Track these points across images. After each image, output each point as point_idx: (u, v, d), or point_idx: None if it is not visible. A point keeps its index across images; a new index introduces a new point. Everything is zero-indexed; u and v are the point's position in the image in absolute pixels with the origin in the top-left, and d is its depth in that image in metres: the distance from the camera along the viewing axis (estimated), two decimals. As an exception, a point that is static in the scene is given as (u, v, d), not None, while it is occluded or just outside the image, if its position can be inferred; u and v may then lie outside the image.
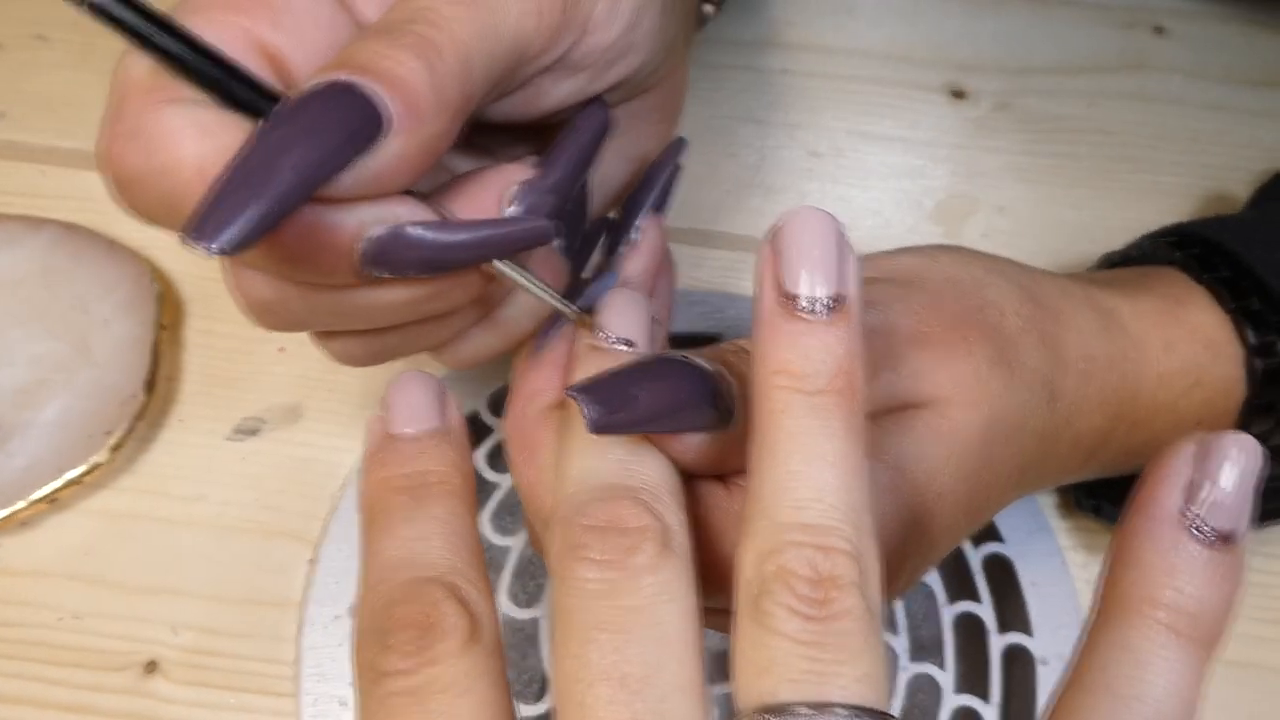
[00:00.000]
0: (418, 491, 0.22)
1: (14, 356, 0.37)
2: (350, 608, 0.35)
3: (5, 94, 0.45)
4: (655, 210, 0.29)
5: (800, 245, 0.20)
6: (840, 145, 0.46)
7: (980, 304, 0.27)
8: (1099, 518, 0.36)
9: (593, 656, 0.18)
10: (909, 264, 0.28)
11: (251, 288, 0.24)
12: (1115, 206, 0.45)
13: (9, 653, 0.34)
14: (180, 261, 0.41)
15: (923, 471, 0.25)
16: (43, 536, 0.35)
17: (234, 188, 0.19)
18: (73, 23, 0.46)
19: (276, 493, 0.37)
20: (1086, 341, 0.29)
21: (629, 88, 0.28)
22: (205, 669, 0.34)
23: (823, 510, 0.18)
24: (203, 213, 0.19)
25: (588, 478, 0.21)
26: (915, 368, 0.25)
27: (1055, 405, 0.27)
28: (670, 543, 0.20)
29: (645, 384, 0.21)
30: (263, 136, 0.20)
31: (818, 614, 0.17)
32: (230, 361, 0.39)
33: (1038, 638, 0.35)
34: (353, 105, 0.20)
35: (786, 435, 0.19)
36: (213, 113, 0.21)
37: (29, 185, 0.42)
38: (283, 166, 0.20)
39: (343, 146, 0.20)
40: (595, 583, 0.19)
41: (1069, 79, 0.48)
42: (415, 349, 0.27)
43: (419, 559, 0.20)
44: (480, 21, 0.22)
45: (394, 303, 0.24)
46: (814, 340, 0.19)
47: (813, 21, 0.50)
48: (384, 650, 0.19)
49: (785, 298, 0.20)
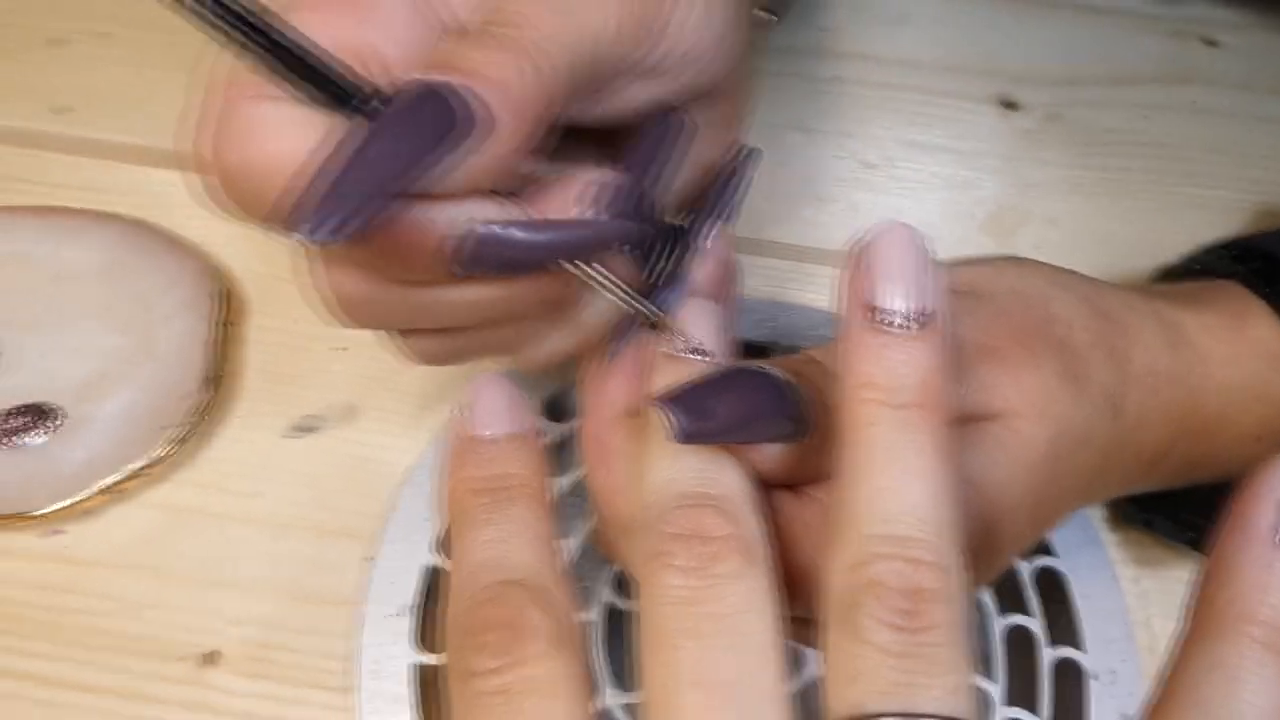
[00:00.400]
0: (498, 494, 0.22)
1: (79, 349, 0.37)
2: (406, 606, 0.35)
3: (70, 90, 0.45)
4: (724, 219, 0.29)
5: (885, 260, 0.20)
6: (891, 155, 0.46)
7: (1047, 317, 0.27)
8: (1151, 531, 0.36)
9: (682, 663, 0.18)
10: (974, 276, 0.28)
11: (341, 283, 0.24)
12: (1167, 219, 0.45)
13: (71, 639, 0.34)
14: (241, 259, 0.41)
15: (991, 484, 0.25)
16: (105, 527, 0.36)
17: (336, 181, 0.20)
18: (137, 19, 0.47)
19: (333, 491, 0.37)
20: (1152, 355, 0.29)
21: (700, 94, 0.28)
22: (263, 662, 0.34)
23: (912, 524, 0.18)
24: (305, 203, 0.20)
25: (669, 486, 0.21)
26: (983, 381, 0.26)
27: (1120, 419, 0.28)
28: (753, 552, 0.20)
29: (726, 395, 0.22)
30: (361, 133, 0.21)
31: (908, 626, 0.18)
32: (289, 359, 0.40)
33: (1089, 652, 0.35)
34: (448, 105, 0.21)
35: (875, 448, 0.19)
36: (308, 110, 0.22)
37: (93, 180, 0.43)
38: (382, 162, 0.20)
39: (439, 144, 0.21)
40: (680, 589, 0.19)
41: (1120, 91, 0.48)
42: (490, 349, 0.28)
43: (502, 561, 0.21)
44: (567, 26, 0.23)
45: (475, 301, 0.25)
46: (900, 354, 0.20)
47: (864, 31, 0.50)
48: (473, 650, 0.19)
49: (871, 312, 0.20)
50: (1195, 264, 0.35)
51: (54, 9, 0.47)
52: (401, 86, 0.21)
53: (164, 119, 0.44)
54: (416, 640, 0.34)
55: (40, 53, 0.46)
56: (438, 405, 0.39)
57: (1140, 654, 0.35)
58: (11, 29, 0.47)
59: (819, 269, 0.43)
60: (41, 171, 0.43)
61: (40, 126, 0.44)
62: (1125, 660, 0.35)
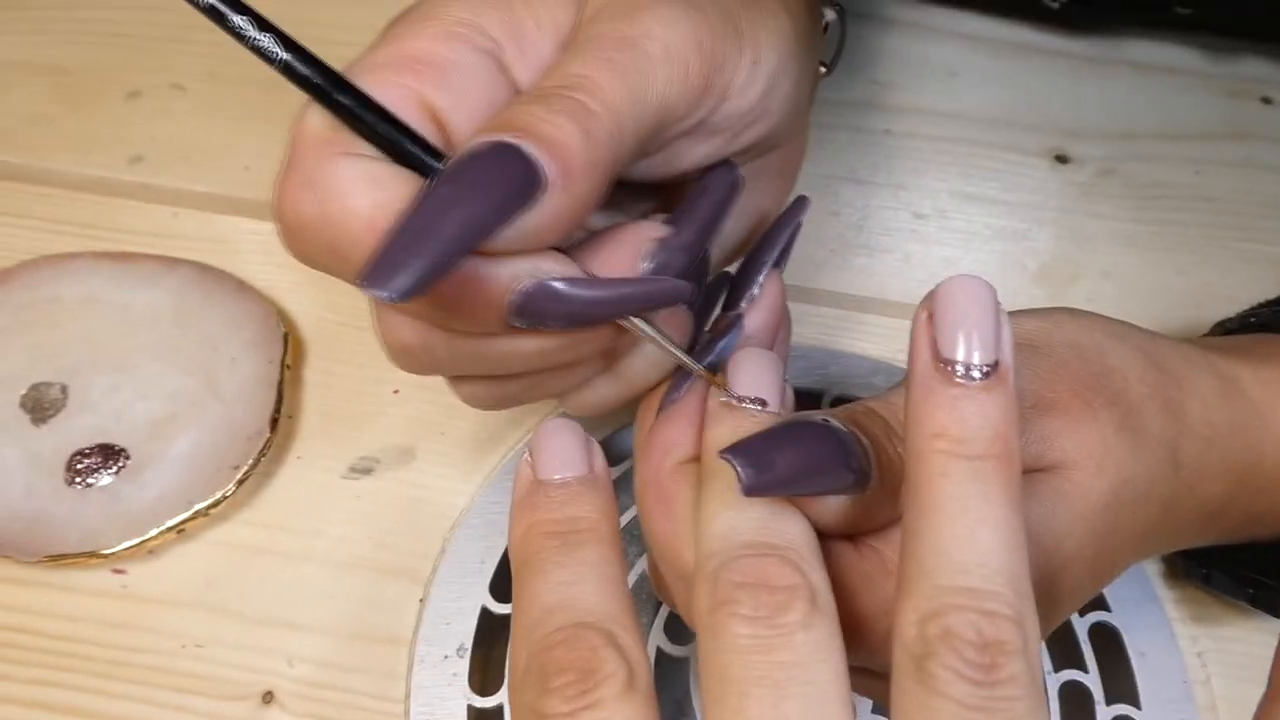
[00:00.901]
0: (569, 537, 0.22)
1: (149, 391, 0.39)
2: (458, 648, 0.35)
3: (142, 139, 0.47)
4: (775, 267, 0.30)
5: (957, 311, 0.20)
6: (943, 207, 0.47)
7: (1103, 369, 0.27)
8: (1208, 586, 0.35)
9: (752, 711, 0.18)
10: (1032, 328, 0.28)
11: (399, 332, 0.25)
12: (1221, 274, 0.45)
13: (134, 678, 0.35)
14: (302, 303, 0.42)
15: (1049, 535, 0.25)
16: (168, 566, 0.37)
17: (407, 240, 0.20)
18: (207, 73, 0.49)
19: (389, 531, 0.38)
20: (1209, 407, 0.29)
21: (759, 149, 0.29)
22: (320, 701, 0.34)
23: (986, 575, 0.18)
24: (378, 262, 0.20)
25: (732, 535, 0.22)
26: (1042, 433, 0.26)
27: (1179, 471, 0.28)
28: (819, 601, 0.20)
29: (790, 447, 0.22)
30: (431, 192, 0.21)
31: (984, 679, 0.18)
32: (347, 402, 0.40)
33: (1145, 710, 0.35)
34: (513, 165, 0.22)
35: (947, 499, 0.19)
36: (383, 167, 0.23)
37: (162, 226, 0.44)
38: (450, 221, 0.21)
39: (504, 204, 0.22)
40: (748, 639, 0.19)
41: (1174, 146, 0.48)
42: (542, 395, 0.28)
43: (575, 604, 0.21)
44: (630, 88, 0.24)
45: (529, 352, 0.25)
46: (972, 406, 0.20)
47: (915, 84, 0.50)
48: (545, 693, 0.19)
49: (942, 363, 0.20)
50: (1254, 318, 0.35)
51: (131, 64, 0.49)
52: (471, 147, 0.22)
53: (232, 168, 0.46)
54: (470, 682, 0.35)
55: (117, 105, 0.48)
56: (491, 448, 0.40)
57: (1200, 714, 0.35)
58: (91, 83, 0.49)
59: (870, 318, 0.43)
60: (114, 219, 0.45)
61: (115, 175, 0.46)
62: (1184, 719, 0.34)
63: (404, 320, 0.25)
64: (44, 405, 0.38)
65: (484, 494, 0.38)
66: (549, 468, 0.24)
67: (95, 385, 0.39)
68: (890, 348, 0.42)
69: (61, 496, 0.37)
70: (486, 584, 0.36)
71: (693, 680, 0.34)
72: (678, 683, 0.35)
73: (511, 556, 0.23)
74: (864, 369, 0.42)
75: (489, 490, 0.38)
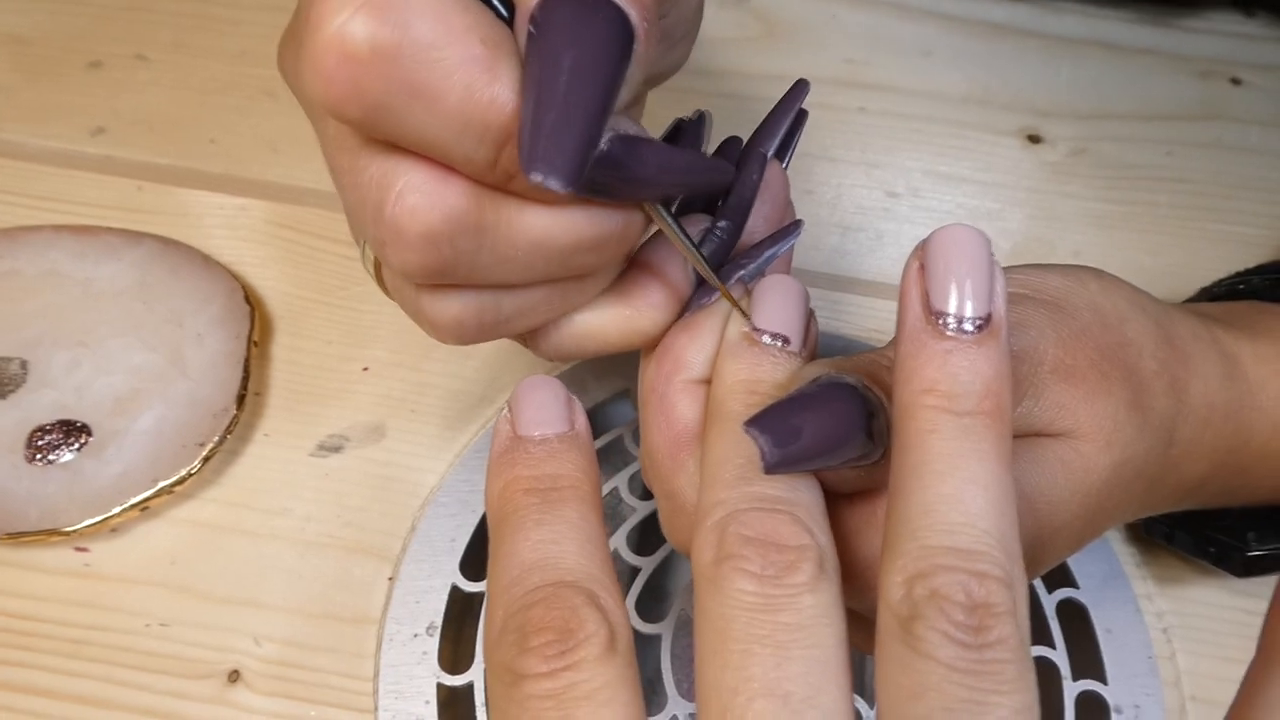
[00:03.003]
0: (549, 495, 0.22)
1: (112, 366, 0.38)
2: (428, 626, 0.35)
3: (104, 111, 0.46)
4: (775, 158, 0.29)
5: (950, 262, 0.20)
6: (916, 185, 0.46)
7: (1122, 340, 0.27)
8: (1171, 545, 0.35)
9: (754, 670, 0.18)
10: (1058, 285, 0.27)
11: (421, 215, 0.21)
12: (1192, 255, 0.45)
13: (97, 657, 0.34)
14: (269, 279, 0.42)
15: (1044, 502, 0.24)
16: (132, 544, 0.36)
17: (558, 115, 0.19)
18: (171, 43, 0.48)
19: (358, 510, 0.37)
20: (1210, 389, 0.28)
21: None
22: (287, 681, 0.34)
23: (975, 535, 0.18)
24: (539, 143, 0.19)
25: (742, 485, 0.21)
26: (1058, 399, 0.25)
27: (1170, 451, 0.27)
28: (825, 566, 0.20)
29: (813, 418, 0.21)
30: (554, 55, 0.19)
31: (974, 641, 0.17)
32: (316, 379, 0.40)
33: (1112, 686, 0.35)
34: (614, 18, 0.20)
35: (936, 456, 0.19)
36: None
37: (125, 200, 0.43)
38: (585, 89, 0.20)
39: (621, 60, 0.20)
40: (753, 596, 0.19)
41: (1146, 126, 0.48)
42: (535, 319, 0.25)
43: (554, 562, 0.20)
44: None
45: (564, 246, 0.22)
46: (964, 360, 0.19)
47: (889, 62, 0.50)
48: (523, 652, 0.19)
49: (933, 315, 0.19)
50: (1241, 284, 0.34)
51: (92, 33, 0.48)
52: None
53: (197, 140, 0.45)
54: (440, 660, 0.34)
55: (78, 76, 0.47)
56: (462, 426, 0.39)
57: (1164, 688, 0.35)
58: (51, 52, 0.48)
59: (843, 296, 0.43)
60: (76, 192, 0.44)
61: (76, 147, 0.45)
62: (1149, 694, 0.35)
63: (438, 189, 0.21)
64: (3, 380, 0.38)
65: (455, 472, 0.38)
66: (529, 424, 0.23)
67: (56, 360, 0.38)
68: (864, 326, 0.42)
69: (21, 473, 0.36)
70: (457, 562, 0.36)
71: (665, 659, 0.34)
72: (648, 661, 0.34)
73: (489, 513, 0.22)
74: (838, 348, 0.41)
75: (460, 468, 0.38)
